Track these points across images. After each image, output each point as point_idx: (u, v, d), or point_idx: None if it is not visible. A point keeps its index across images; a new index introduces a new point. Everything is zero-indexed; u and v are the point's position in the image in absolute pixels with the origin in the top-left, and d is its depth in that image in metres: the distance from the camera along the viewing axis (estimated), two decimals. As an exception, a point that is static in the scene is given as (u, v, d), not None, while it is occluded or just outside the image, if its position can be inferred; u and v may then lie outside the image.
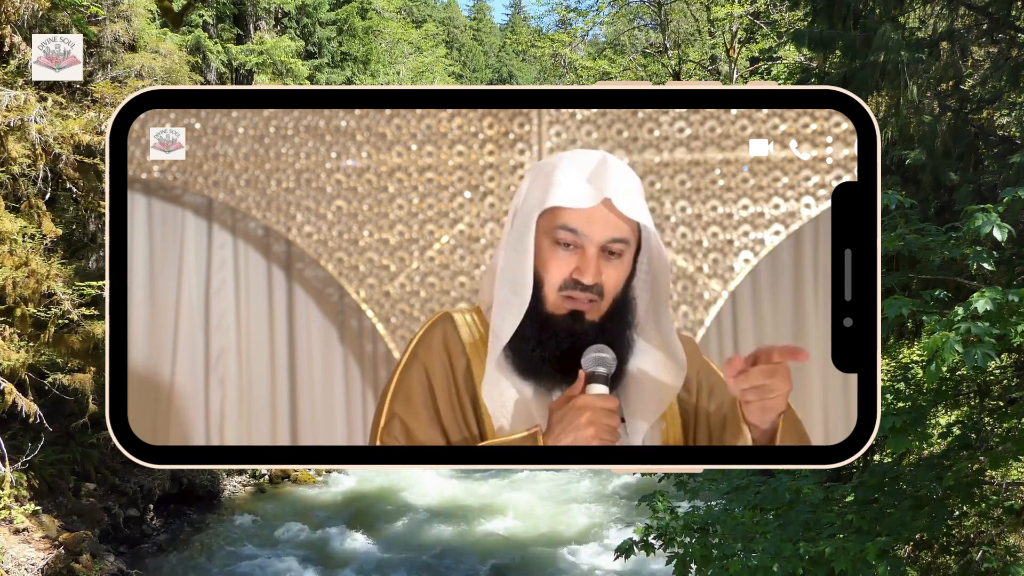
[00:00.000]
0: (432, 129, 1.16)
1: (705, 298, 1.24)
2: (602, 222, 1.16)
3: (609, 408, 1.11)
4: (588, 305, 1.17)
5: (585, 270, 1.16)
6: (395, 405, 1.22)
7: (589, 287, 1.16)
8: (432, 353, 1.26)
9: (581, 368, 1.12)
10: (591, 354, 1.12)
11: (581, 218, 1.16)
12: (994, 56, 7.28)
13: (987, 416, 5.89)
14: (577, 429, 1.10)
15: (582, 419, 1.10)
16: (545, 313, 1.17)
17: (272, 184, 1.21)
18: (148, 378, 0.96)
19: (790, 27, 14.99)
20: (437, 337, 1.27)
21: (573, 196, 1.15)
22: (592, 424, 1.10)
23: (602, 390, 1.11)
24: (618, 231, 1.16)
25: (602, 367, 1.12)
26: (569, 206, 1.16)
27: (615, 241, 1.17)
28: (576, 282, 1.17)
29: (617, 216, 1.15)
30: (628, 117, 1.14)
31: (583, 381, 1.12)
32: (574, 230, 1.17)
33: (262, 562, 10.68)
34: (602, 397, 1.11)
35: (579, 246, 1.17)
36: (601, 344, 1.12)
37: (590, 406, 1.10)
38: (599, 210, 1.16)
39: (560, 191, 1.16)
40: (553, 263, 1.18)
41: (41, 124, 8.72)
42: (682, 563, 5.39)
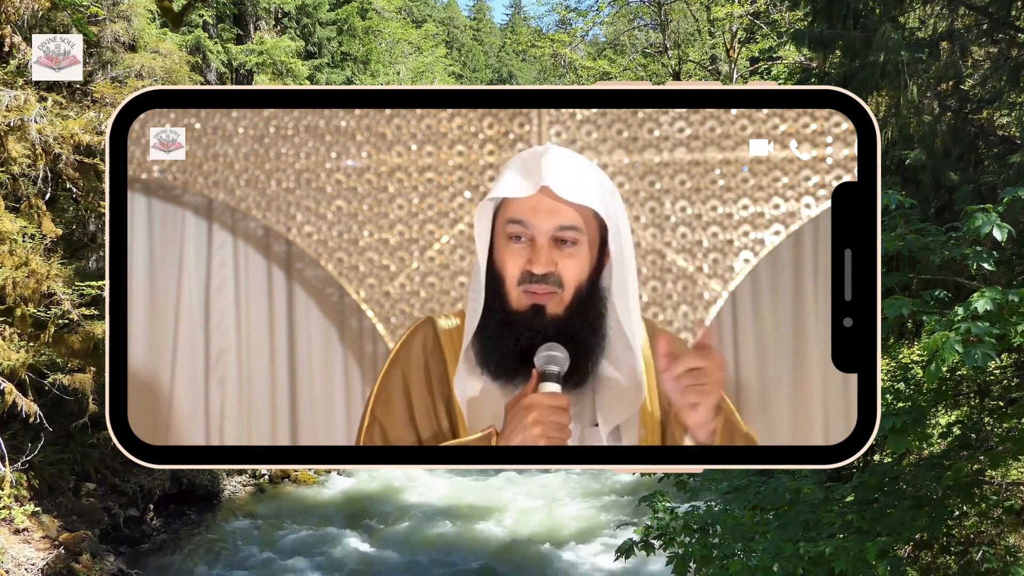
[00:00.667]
0: (432, 129, 1.16)
1: (705, 298, 1.24)
2: (546, 210, 1.16)
3: (557, 406, 1.10)
4: (548, 298, 1.16)
5: (535, 260, 1.16)
6: (376, 408, 1.23)
7: (542, 277, 1.16)
8: (411, 357, 1.27)
9: (534, 367, 1.12)
10: (543, 352, 1.11)
11: (525, 209, 1.17)
12: (994, 56, 7.28)
13: (987, 416, 5.89)
14: (525, 428, 1.09)
15: (529, 418, 1.10)
16: (508, 310, 1.17)
17: (272, 184, 1.21)
18: (148, 378, 0.96)
19: (790, 27, 14.99)
20: (417, 341, 1.28)
21: (510, 187, 1.16)
22: (539, 423, 1.09)
23: (554, 388, 1.10)
24: (564, 218, 1.16)
25: (554, 365, 1.11)
26: (506, 195, 1.17)
27: (563, 228, 1.17)
28: (529, 274, 1.16)
29: (560, 202, 1.16)
30: (628, 117, 1.14)
31: (536, 380, 1.11)
32: (520, 221, 1.17)
33: (262, 562, 10.68)
34: (550, 395, 1.10)
35: (529, 238, 1.17)
36: (554, 343, 1.11)
37: (537, 404, 1.10)
38: (540, 199, 1.16)
39: (500, 184, 1.17)
40: (508, 258, 1.18)
41: (41, 124, 8.73)
42: (682, 563, 5.39)
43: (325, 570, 10.56)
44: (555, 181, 1.14)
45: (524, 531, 11.62)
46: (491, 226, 1.20)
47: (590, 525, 11.73)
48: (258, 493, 13.36)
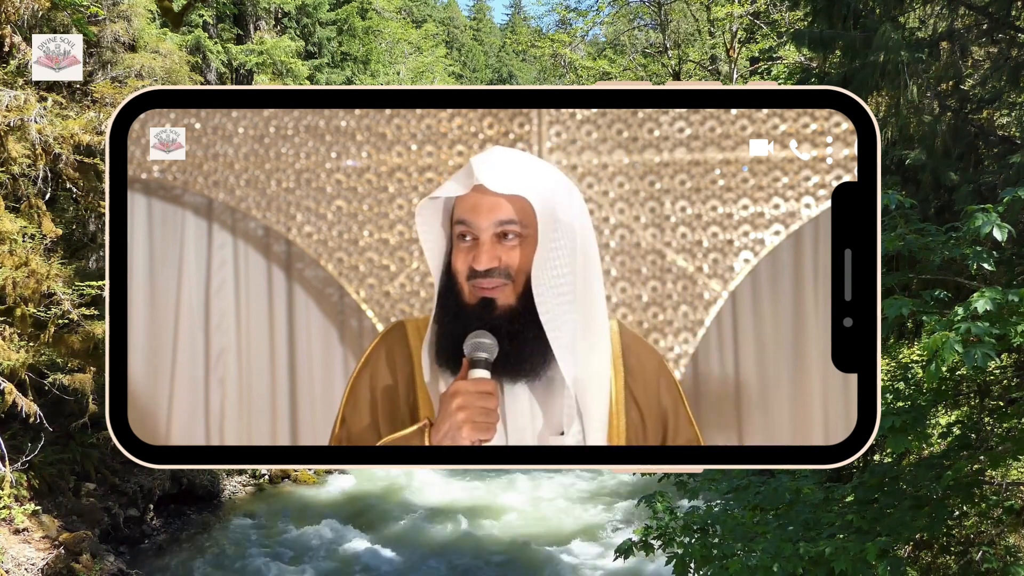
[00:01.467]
0: (432, 129, 1.16)
1: (705, 298, 1.24)
2: (485, 208, 1.17)
3: (483, 391, 1.10)
4: (497, 290, 1.17)
5: (477, 258, 1.18)
6: (345, 410, 1.24)
7: (486, 273, 1.17)
8: (380, 360, 1.28)
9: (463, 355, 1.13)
10: (471, 339, 1.12)
11: (466, 208, 1.19)
12: (994, 56, 7.28)
13: (987, 416, 5.89)
14: (450, 416, 1.10)
15: (453, 404, 1.11)
16: (461, 304, 1.18)
17: (272, 184, 1.21)
18: (148, 378, 0.96)
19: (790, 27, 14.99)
20: (386, 345, 1.29)
21: (446, 187, 1.18)
22: (463, 408, 1.10)
23: (482, 375, 1.11)
24: (501, 212, 1.17)
25: (481, 352, 1.12)
26: (443, 195, 1.19)
27: (502, 223, 1.18)
28: (474, 270, 1.18)
29: (496, 197, 1.17)
30: (628, 117, 1.14)
31: (465, 367, 1.12)
32: (462, 220, 1.19)
33: (262, 562, 10.68)
34: (475, 381, 1.11)
35: (474, 236, 1.19)
36: (483, 330, 1.12)
37: (461, 391, 1.11)
38: (477, 196, 1.17)
39: (442, 185, 1.19)
40: (457, 256, 1.20)
41: (41, 124, 8.72)
42: (682, 563, 5.39)
43: (325, 570, 10.56)
44: (487, 177, 1.15)
45: (524, 531, 11.62)
46: (450, 226, 1.21)
47: (590, 525, 11.73)
48: (258, 493, 13.36)
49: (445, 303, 1.19)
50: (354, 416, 1.24)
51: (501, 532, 11.64)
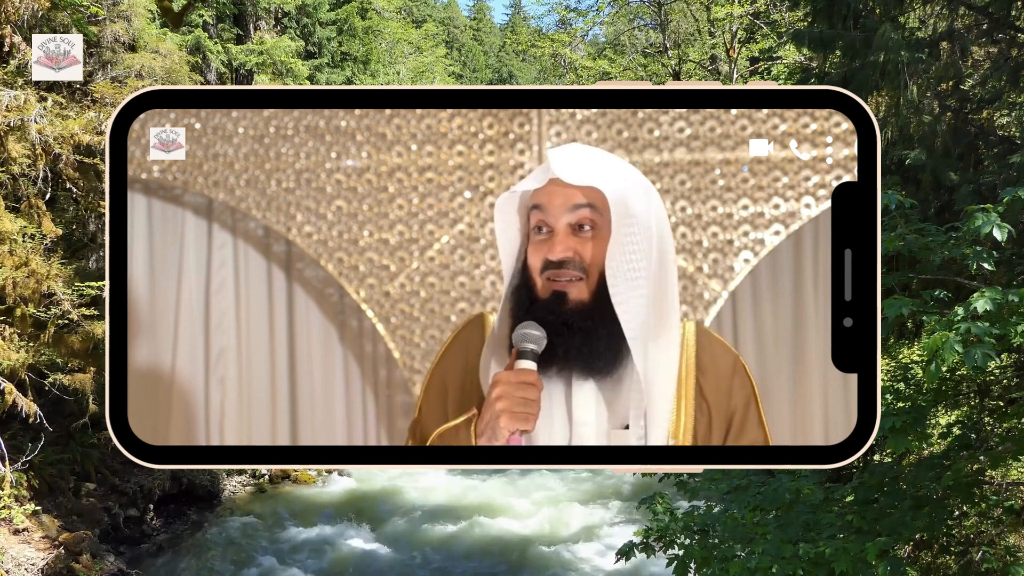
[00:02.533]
0: (432, 129, 1.16)
1: (705, 298, 1.24)
2: (559, 197, 1.16)
3: (524, 382, 1.09)
4: (570, 284, 1.16)
5: (552, 247, 1.17)
6: (423, 402, 1.25)
7: (559, 264, 1.16)
8: (456, 352, 1.28)
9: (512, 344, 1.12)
10: (519, 330, 1.12)
11: (542, 197, 1.18)
12: (994, 56, 7.28)
13: (987, 416, 5.89)
14: (490, 406, 1.10)
15: (493, 394, 1.10)
16: (535, 299, 1.17)
17: (272, 184, 1.21)
18: (148, 378, 0.96)
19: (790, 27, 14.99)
20: (462, 337, 1.29)
21: (526, 181, 1.18)
22: (502, 398, 1.09)
23: (528, 365, 1.10)
24: (576, 199, 1.16)
25: (528, 343, 1.11)
26: (522, 189, 1.18)
27: (577, 208, 1.17)
28: (548, 262, 1.17)
29: (571, 188, 1.16)
30: (628, 117, 1.14)
31: (513, 358, 1.12)
32: (539, 206, 1.18)
33: (262, 562, 10.68)
34: (518, 371, 1.10)
35: (549, 227, 1.18)
36: (532, 321, 1.12)
37: (502, 380, 1.10)
38: (553, 187, 1.16)
39: (524, 181, 1.19)
40: (532, 249, 1.19)
41: (41, 124, 8.72)
42: (682, 565, 5.39)
43: (325, 570, 10.56)
44: (563, 169, 1.14)
45: (524, 531, 11.62)
46: (526, 220, 1.20)
47: (590, 525, 11.73)
48: (258, 493, 13.36)
49: (517, 297, 1.18)
50: (428, 407, 1.25)
51: (501, 532, 11.64)
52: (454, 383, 1.27)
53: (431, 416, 1.24)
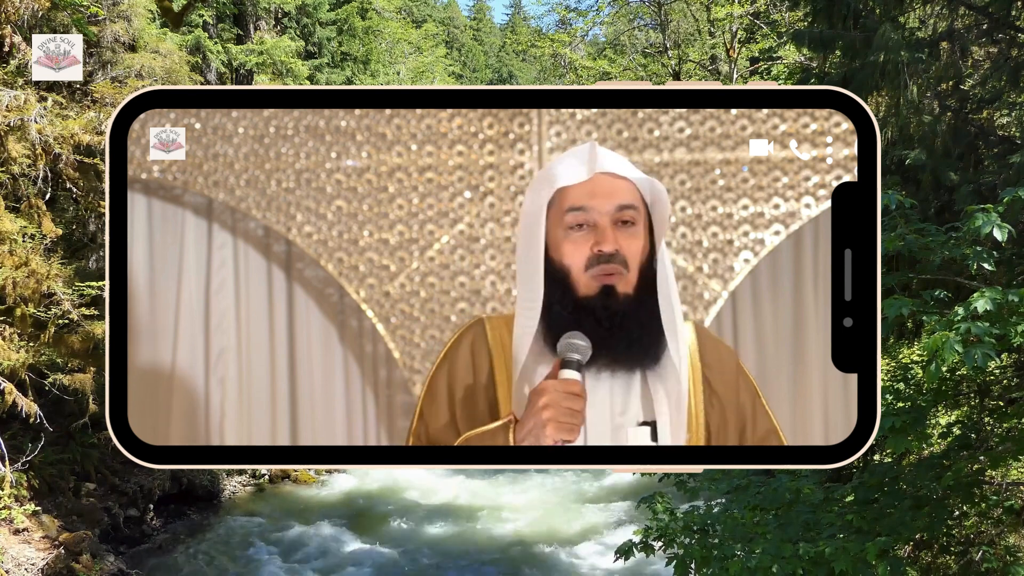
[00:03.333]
0: (432, 129, 1.16)
1: (705, 298, 1.24)
2: (605, 192, 1.16)
3: (571, 392, 1.08)
4: (617, 278, 1.15)
5: (603, 240, 1.15)
6: (424, 406, 1.24)
7: (611, 256, 1.15)
8: (458, 357, 1.28)
9: (556, 354, 1.11)
10: (565, 339, 1.10)
11: (584, 194, 1.16)
12: (994, 56, 7.28)
13: (987, 416, 5.89)
14: (535, 414, 1.09)
15: (540, 402, 1.09)
16: (578, 298, 1.15)
17: (272, 184, 1.21)
18: (148, 378, 0.96)
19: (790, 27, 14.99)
20: (465, 342, 1.28)
21: (570, 175, 1.16)
22: (548, 407, 1.08)
23: (573, 376, 1.09)
24: (623, 197, 1.16)
25: (575, 353, 1.10)
26: (568, 183, 1.16)
27: (623, 208, 1.16)
28: (599, 254, 1.15)
29: (617, 182, 1.15)
30: (628, 117, 1.14)
31: (557, 367, 1.10)
32: (581, 207, 1.16)
33: (262, 562, 10.68)
34: (563, 381, 1.09)
35: (591, 223, 1.16)
36: (577, 331, 1.10)
37: (548, 390, 1.09)
38: (597, 181, 1.16)
39: (558, 175, 1.17)
40: (572, 248, 1.16)
41: (41, 124, 8.72)
42: (682, 564, 5.39)
43: (325, 570, 10.56)
44: (609, 165, 1.14)
45: (524, 531, 11.62)
46: (558, 216, 1.18)
47: (590, 525, 11.73)
48: (258, 493, 13.36)
49: (554, 300, 1.15)
50: (432, 412, 1.24)
51: (501, 532, 11.64)
52: (461, 390, 1.26)
53: (436, 421, 1.23)
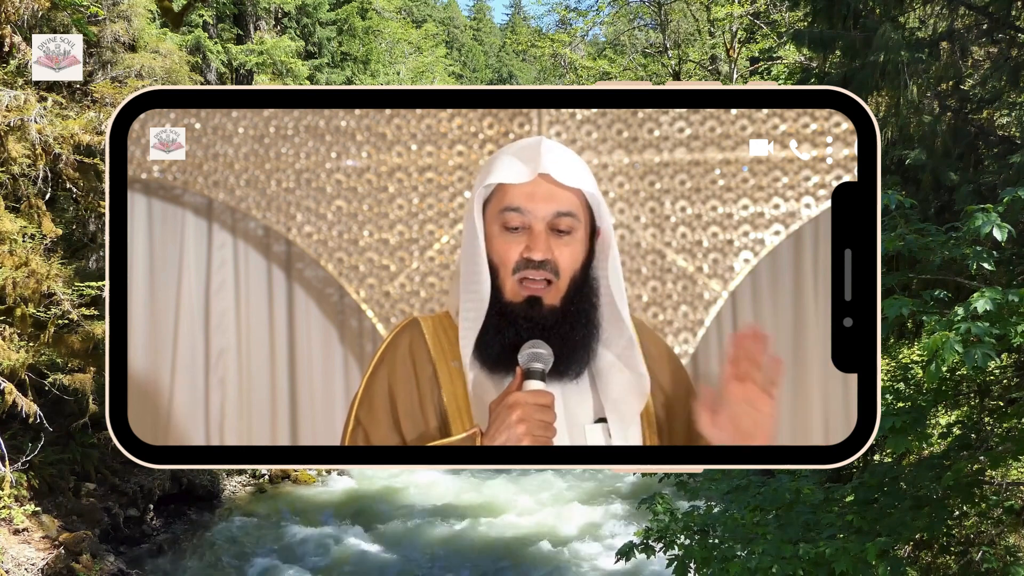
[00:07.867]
0: (432, 129, 1.16)
1: (705, 298, 1.24)
2: (544, 196, 1.15)
3: (542, 404, 1.09)
4: (544, 288, 1.15)
5: (534, 246, 1.15)
6: (359, 412, 1.22)
7: (541, 263, 1.15)
8: (397, 360, 1.27)
9: (518, 364, 1.11)
10: (527, 349, 1.11)
11: (522, 196, 1.16)
12: (994, 56, 7.28)
13: (987, 416, 5.89)
14: (509, 427, 1.09)
15: (513, 416, 1.09)
16: (504, 302, 1.16)
17: (272, 184, 1.21)
18: (148, 378, 0.96)
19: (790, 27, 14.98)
20: (403, 344, 1.27)
21: (509, 173, 1.15)
22: (523, 421, 1.08)
23: (538, 386, 1.10)
24: (562, 204, 1.16)
25: (538, 363, 1.10)
26: (504, 182, 1.16)
27: (560, 215, 1.16)
28: (527, 260, 1.15)
29: (558, 188, 1.15)
30: (628, 117, 1.14)
31: (520, 378, 1.11)
32: (517, 208, 1.16)
33: (262, 562, 10.68)
34: (534, 393, 1.09)
35: (526, 226, 1.16)
36: (538, 340, 1.11)
37: (520, 403, 1.09)
38: (538, 185, 1.15)
39: (496, 171, 1.16)
40: (504, 247, 1.17)
41: (41, 124, 8.72)
42: (682, 565, 5.39)
43: (325, 569, 10.56)
44: (554, 168, 1.13)
45: (524, 531, 11.61)
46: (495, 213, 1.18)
47: (590, 525, 11.73)
48: (258, 493, 13.35)
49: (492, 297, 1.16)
50: (370, 418, 1.22)
51: (501, 532, 11.64)
52: (401, 394, 1.25)
53: (376, 426, 1.22)
